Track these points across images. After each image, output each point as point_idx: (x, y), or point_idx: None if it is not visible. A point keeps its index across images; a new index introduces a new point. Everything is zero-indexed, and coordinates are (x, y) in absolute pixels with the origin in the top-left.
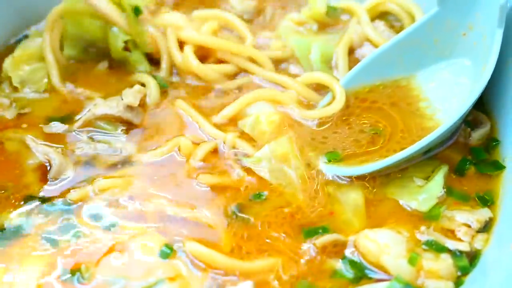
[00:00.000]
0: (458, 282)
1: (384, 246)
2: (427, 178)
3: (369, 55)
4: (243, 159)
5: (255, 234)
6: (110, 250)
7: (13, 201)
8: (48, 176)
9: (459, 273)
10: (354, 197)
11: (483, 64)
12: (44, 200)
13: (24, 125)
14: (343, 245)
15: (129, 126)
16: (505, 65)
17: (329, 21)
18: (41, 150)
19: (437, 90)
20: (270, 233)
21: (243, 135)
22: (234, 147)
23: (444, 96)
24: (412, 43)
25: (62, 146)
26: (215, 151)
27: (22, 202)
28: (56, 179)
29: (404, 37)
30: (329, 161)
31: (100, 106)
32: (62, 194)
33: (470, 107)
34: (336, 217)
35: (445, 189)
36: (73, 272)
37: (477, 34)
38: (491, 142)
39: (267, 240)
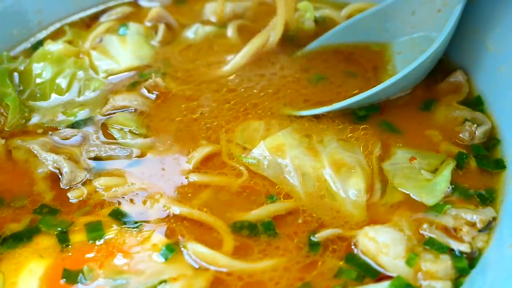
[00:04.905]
0: (457, 283)
1: (382, 245)
2: (434, 171)
3: (350, 19)
4: (239, 158)
5: (257, 234)
6: (112, 250)
7: (24, 210)
8: (61, 185)
9: (457, 275)
10: (354, 186)
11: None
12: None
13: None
14: (345, 240)
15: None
16: (505, 64)
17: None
18: (50, 159)
19: (403, 58)
20: (272, 232)
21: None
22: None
23: (407, 64)
24: (391, 12)
25: (72, 152)
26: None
27: (34, 210)
28: (69, 186)
29: (384, 6)
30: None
31: (119, 100)
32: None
33: (410, 71)
34: (335, 210)
35: (452, 186)
36: (75, 273)
37: (449, 11)
38: (492, 141)
39: (270, 240)
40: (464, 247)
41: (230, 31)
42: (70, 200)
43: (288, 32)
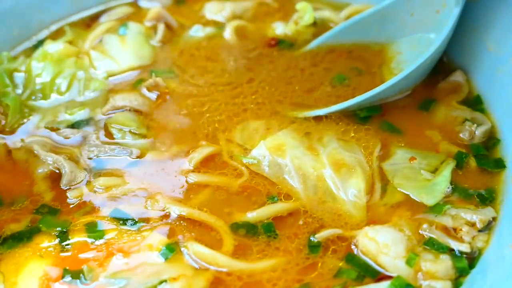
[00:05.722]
0: (457, 282)
1: (383, 245)
2: (434, 171)
3: (349, 20)
4: (240, 157)
5: (257, 234)
6: (112, 251)
7: (24, 210)
8: (61, 185)
9: (457, 275)
10: (354, 186)
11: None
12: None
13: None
14: (345, 240)
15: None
16: (505, 65)
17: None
18: (50, 159)
19: (403, 58)
20: (272, 233)
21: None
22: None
23: (407, 64)
24: (390, 13)
25: (72, 152)
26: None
27: (34, 210)
28: (69, 186)
29: (383, 6)
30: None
31: (119, 100)
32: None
33: (409, 73)
34: (336, 212)
35: (452, 186)
36: (75, 273)
37: (448, 12)
38: (491, 141)
39: (270, 240)
40: (464, 247)
41: (228, 32)
42: (70, 200)
43: (288, 34)
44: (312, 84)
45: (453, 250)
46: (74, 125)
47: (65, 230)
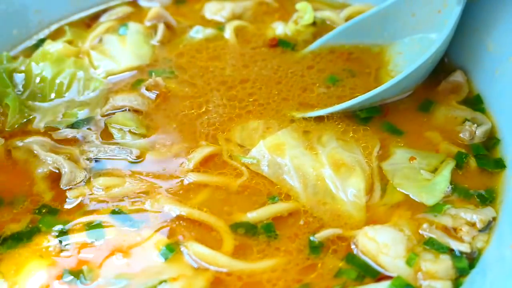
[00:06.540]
0: (457, 282)
1: (383, 245)
2: (434, 171)
3: (350, 20)
4: (239, 157)
5: (257, 234)
6: (112, 251)
7: (24, 210)
8: (61, 185)
9: (457, 275)
10: (353, 186)
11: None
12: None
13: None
14: (345, 240)
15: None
16: (505, 64)
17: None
18: (49, 159)
19: (404, 59)
20: (273, 234)
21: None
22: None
23: (408, 64)
24: (391, 14)
25: (71, 152)
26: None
27: (34, 210)
28: (69, 186)
29: (384, 7)
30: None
31: (119, 100)
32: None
33: (411, 72)
34: (336, 212)
35: (452, 185)
36: (75, 273)
37: (449, 11)
38: (491, 141)
39: (270, 240)
40: (464, 247)
41: (228, 32)
42: (69, 200)
43: (288, 34)
44: (312, 84)
45: (453, 250)
46: (74, 125)
47: (65, 230)
